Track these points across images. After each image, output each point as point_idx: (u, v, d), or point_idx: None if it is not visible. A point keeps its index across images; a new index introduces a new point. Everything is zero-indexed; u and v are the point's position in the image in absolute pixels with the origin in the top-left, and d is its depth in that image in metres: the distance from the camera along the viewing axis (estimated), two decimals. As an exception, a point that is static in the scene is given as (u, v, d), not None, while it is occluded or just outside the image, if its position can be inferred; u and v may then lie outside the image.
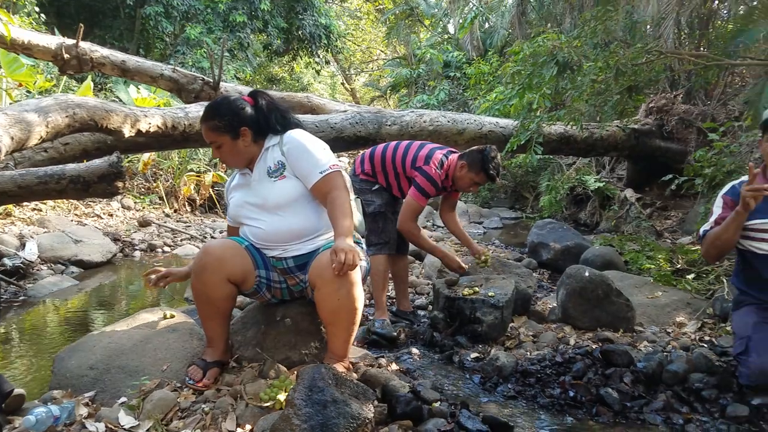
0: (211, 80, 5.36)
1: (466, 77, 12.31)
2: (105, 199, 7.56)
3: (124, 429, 1.82)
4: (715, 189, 4.79)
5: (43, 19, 9.33)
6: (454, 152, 3.35)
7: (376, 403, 1.96)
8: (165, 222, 7.42)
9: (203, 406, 1.97)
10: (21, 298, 4.15)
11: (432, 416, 1.99)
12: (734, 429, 2.06)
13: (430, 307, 3.53)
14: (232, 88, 5.70)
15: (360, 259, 2.00)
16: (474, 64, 11.03)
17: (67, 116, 3.19)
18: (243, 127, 2.21)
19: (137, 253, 6.06)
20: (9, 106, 3.21)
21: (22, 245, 5.10)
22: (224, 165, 2.36)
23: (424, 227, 7.71)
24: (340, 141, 5.26)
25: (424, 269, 4.61)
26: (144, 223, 7.09)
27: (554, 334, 3.08)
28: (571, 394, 2.34)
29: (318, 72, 18.79)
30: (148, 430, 1.83)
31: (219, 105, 2.24)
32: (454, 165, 3.21)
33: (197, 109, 4.33)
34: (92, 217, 7.08)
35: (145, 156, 7.61)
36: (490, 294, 3.01)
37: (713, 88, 6.61)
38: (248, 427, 1.85)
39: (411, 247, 3.64)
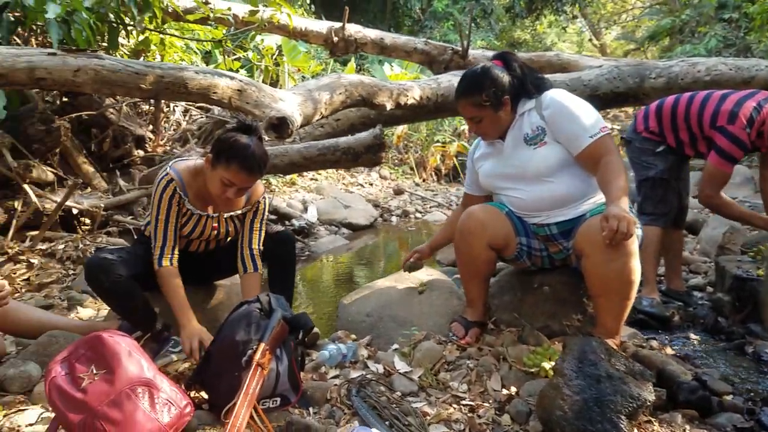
0: (460, 49, 5.44)
1: (746, 18, 10.26)
2: (367, 169, 8.32)
3: (400, 373, 1.98)
4: None
5: (312, 9, 10.57)
6: None
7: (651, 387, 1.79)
8: (415, 190, 7.90)
9: (467, 362, 2.04)
10: (306, 253, 4.84)
11: (723, 410, 1.74)
12: None
13: (710, 288, 3.09)
14: (480, 54, 5.70)
15: (636, 228, 1.82)
16: (758, 1, 9.08)
17: (341, 93, 3.55)
18: (505, 96, 2.14)
19: (394, 218, 6.58)
20: (295, 87, 3.70)
21: (305, 209, 5.93)
22: (482, 138, 2.32)
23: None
24: (594, 99, 4.85)
25: (700, 244, 4.05)
26: (398, 192, 7.66)
27: None
28: None
29: (564, 29, 17.73)
30: (419, 376, 1.96)
31: (479, 77, 2.14)
32: None
33: (448, 79, 4.44)
34: (356, 185, 7.89)
35: (398, 129, 8.15)
36: (795, 275, 2.49)
37: None
38: (513, 389, 1.86)
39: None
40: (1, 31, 3.43)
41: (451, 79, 4.33)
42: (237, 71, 5.58)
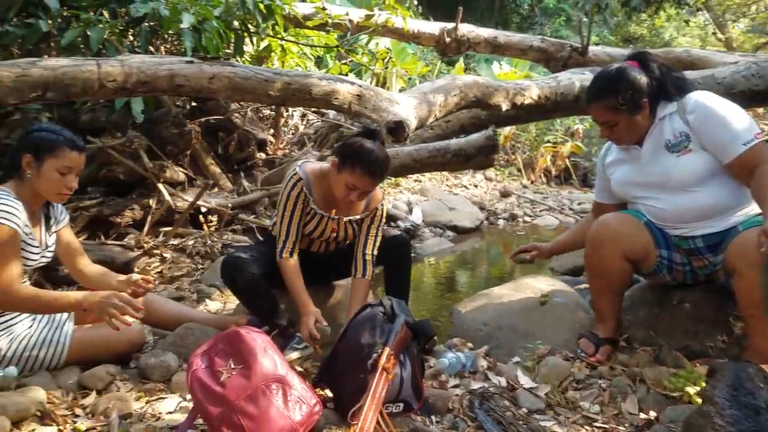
0: (579, 46, 5.19)
1: None
2: (472, 171, 8.18)
3: (524, 388, 1.90)
4: None
5: (419, 10, 10.61)
6: None
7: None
8: (523, 193, 7.66)
9: (599, 381, 1.92)
10: (412, 255, 4.83)
11: None
12: None
13: None
14: (600, 51, 5.41)
15: None
16: None
17: (456, 95, 3.50)
18: (643, 99, 1.99)
19: (500, 222, 6.41)
20: (411, 89, 3.70)
21: (410, 210, 5.94)
22: (615, 143, 2.17)
23: None
24: (730, 99, 4.39)
25: None
26: (505, 194, 7.46)
27: None
28: None
29: (686, 22, 16.47)
30: (546, 393, 1.87)
31: (614, 78, 2.01)
32: None
33: (567, 77, 4.25)
34: (460, 187, 7.79)
35: (506, 129, 7.95)
36: None
37: None
38: (652, 413, 1.73)
39: None
40: (140, 40, 3.74)
41: (571, 77, 4.14)
42: (346, 75, 5.71)
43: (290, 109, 5.65)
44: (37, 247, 2.01)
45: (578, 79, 4.12)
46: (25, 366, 1.96)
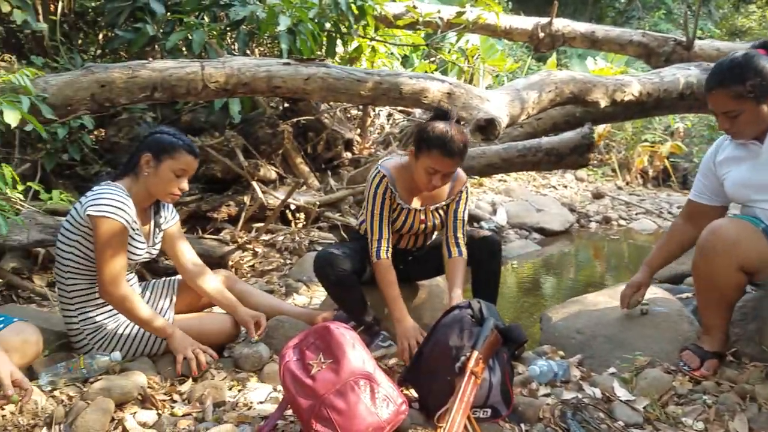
0: (684, 40, 4.86)
1: None
2: (563, 171, 7.89)
3: (621, 400, 1.80)
4: None
5: (509, 6, 10.40)
6: None
7: None
8: (618, 194, 7.29)
9: (704, 397, 1.78)
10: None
11: None
12: None
13: None
14: (707, 45, 5.03)
15: None
16: None
17: (551, 92, 3.38)
18: None
19: (592, 225, 6.14)
20: (504, 86, 3.62)
21: (494, 211, 5.82)
22: (734, 136, 1.99)
23: None
24: None
25: None
26: (597, 195, 7.14)
27: None
28: None
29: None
30: (645, 406, 1.77)
31: (741, 65, 1.85)
32: None
33: (672, 73, 3.98)
34: (548, 188, 7.53)
35: (600, 128, 7.60)
36: None
37: None
38: (769, 436, 1.58)
39: None
40: (238, 42, 3.91)
41: (676, 73, 3.88)
42: (432, 73, 5.67)
43: (377, 109, 5.71)
44: (143, 243, 2.13)
45: (683, 75, 3.85)
46: (128, 352, 2.10)
